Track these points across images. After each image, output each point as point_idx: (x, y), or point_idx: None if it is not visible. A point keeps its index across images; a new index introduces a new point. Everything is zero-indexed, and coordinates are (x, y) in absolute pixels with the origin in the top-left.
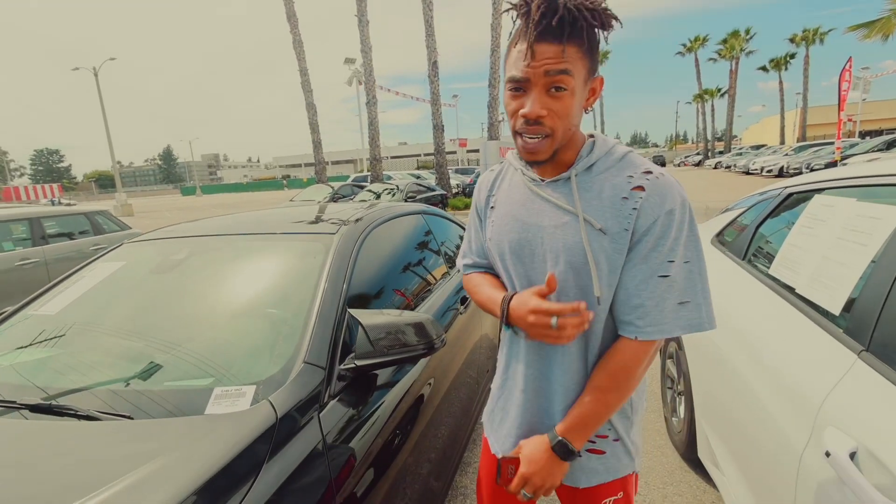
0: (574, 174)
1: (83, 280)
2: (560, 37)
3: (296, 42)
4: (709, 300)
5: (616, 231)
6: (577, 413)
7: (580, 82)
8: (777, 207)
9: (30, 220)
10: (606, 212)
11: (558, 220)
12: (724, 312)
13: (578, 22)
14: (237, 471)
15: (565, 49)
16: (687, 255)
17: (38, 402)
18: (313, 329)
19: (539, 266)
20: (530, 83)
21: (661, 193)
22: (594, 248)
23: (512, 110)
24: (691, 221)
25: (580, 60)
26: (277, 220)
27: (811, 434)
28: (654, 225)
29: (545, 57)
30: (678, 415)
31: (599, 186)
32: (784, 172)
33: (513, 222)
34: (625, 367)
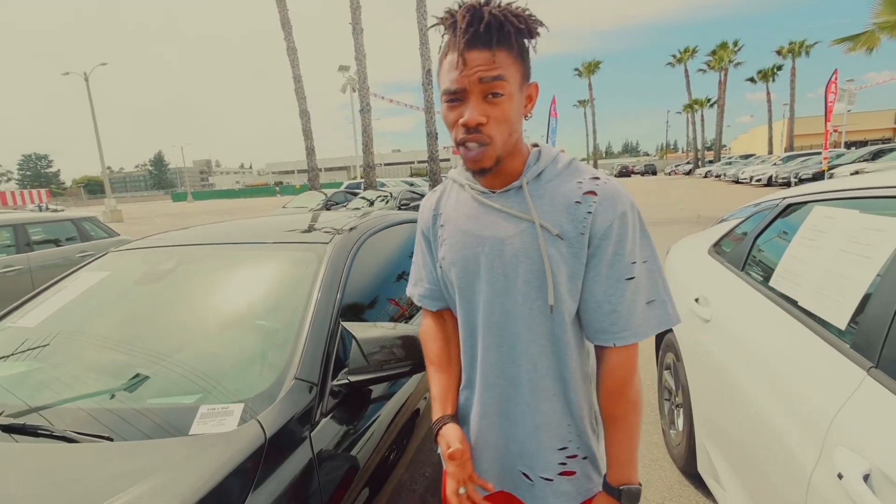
0: (525, 182)
1: (65, 291)
2: (489, 43)
3: (290, 49)
4: (671, 295)
5: (573, 236)
6: (615, 452)
7: (515, 87)
8: (776, 218)
9: (14, 227)
10: (561, 216)
11: (515, 230)
12: (722, 323)
13: (505, 27)
14: (223, 497)
15: (496, 54)
16: (644, 254)
17: (11, 423)
18: (305, 343)
19: (498, 280)
20: (466, 92)
21: (612, 197)
22: (551, 254)
23: (451, 121)
24: (642, 221)
25: (512, 65)
26: (269, 229)
27: (820, 454)
28: (610, 229)
29: (477, 64)
30: (676, 427)
31: (551, 193)
32: (773, 181)
33: (466, 237)
34: (621, 381)
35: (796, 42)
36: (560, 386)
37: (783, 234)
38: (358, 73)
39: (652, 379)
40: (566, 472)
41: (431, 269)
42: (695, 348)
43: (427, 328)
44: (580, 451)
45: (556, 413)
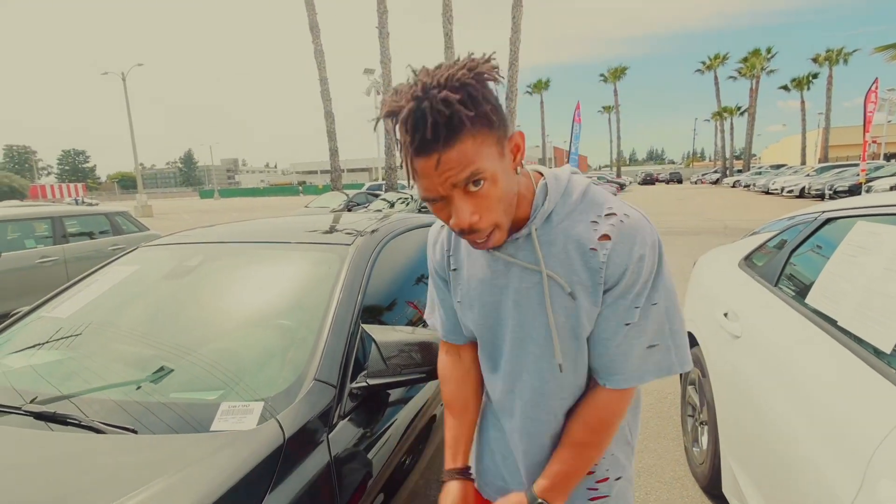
0: (534, 228)
1: (97, 283)
2: (448, 142)
3: (317, 52)
4: (681, 341)
5: (590, 286)
6: (556, 470)
7: (495, 162)
8: (813, 232)
9: (52, 219)
10: (577, 265)
11: (529, 282)
12: (754, 340)
13: (455, 116)
14: (242, 496)
15: (455, 150)
16: (655, 297)
17: (43, 410)
18: (325, 344)
19: (517, 331)
20: (444, 197)
21: (630, 239)
22: (566, 307)
23: (442, 219)
24: (660, 260)
25: (481, 144)
26: (293, 229)
27: (861, 485)
28: (624, 274)
29: (444, 169)
30: (700, 445)
31: (563, 240)
32: (805, 193)
33: (482, 286)
34: (602, 420)
35: (834, 49)
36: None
37: (821, 249)
38: (383, 76)
39: (675, 394)
40: (597, 497)
41: (450, 306)
42: (722, 364)
43: (443, 366)
44: (611, 472)
45: None
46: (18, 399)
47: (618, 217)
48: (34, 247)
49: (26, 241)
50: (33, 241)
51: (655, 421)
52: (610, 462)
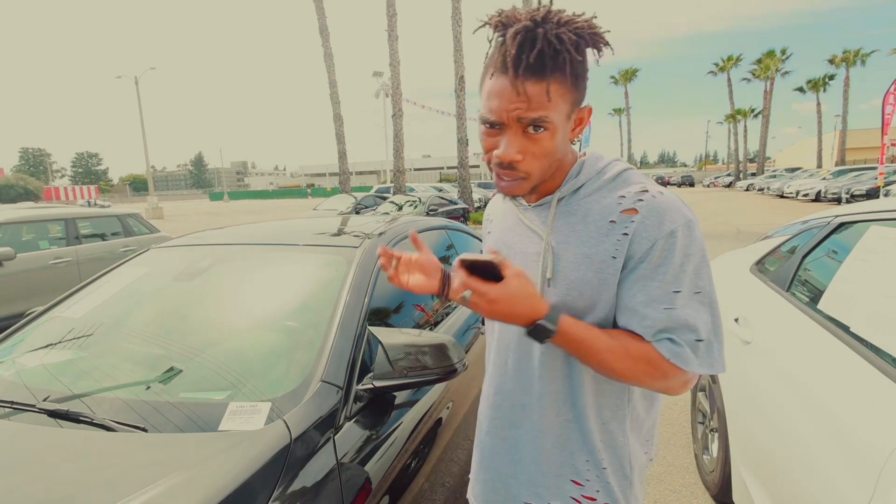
0: (557, 199)
1: (108, 284)
2: (540, 74)
3: (326, 55)
4: (721, 338)
5: (600, 259)
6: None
7: (562, 119)
8: (826, 237)
9: (65, 221)
10: (590, 236)
11: (538, 248)
12: (765, 346)
13: (561, 55)
14: (248, 495)
15: (543, 88)
16: (698, 284)
17: (56, 408)
18: (332, 346)
19: None
20: (505, 125)
21: (659, 213)
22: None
23: (486, 147)
24: (698, 244)
25: (562, 97)
26: (301, 231)
27: (873, 494)
28: (651, 250)
29: (522, 99)
30: (710, 453)
31: (585, 209)
32: (821, 197)
33: (503, 248)
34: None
35: (850, 50)
36: (571, 412)
37: (834, 254)
38: (391, 78)
39: (684, 400)
40: None
41: None
42: (734, 371)
43: None
44: (600, 495)
45: (567, 440)
46: (33, 397)
47: (650, 194)
48: (48, 248)
49: (40, 243)
50: (47, 242)
51: (665, 428)
52: (601, 485)
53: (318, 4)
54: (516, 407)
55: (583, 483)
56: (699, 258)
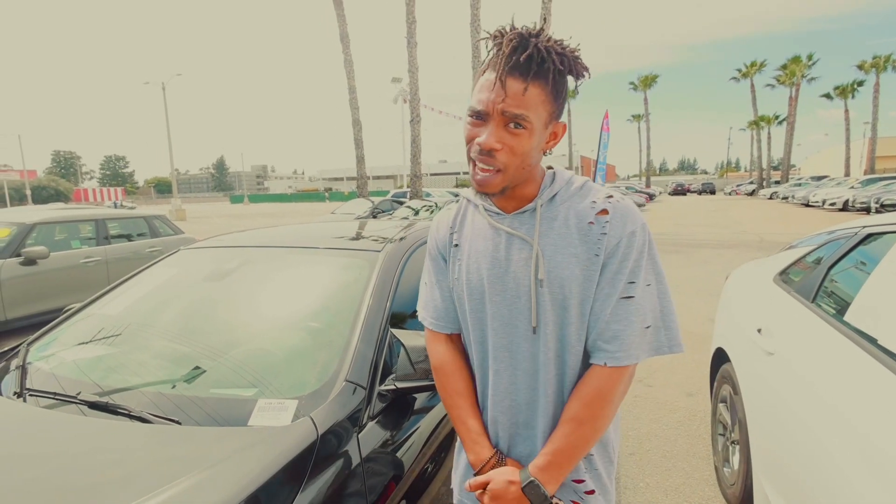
0: (539, 205)
1: (142, 283)
2: (525, 75)
3: (346, 61)
4: (672, 323)
5: (586, 258)
6: (551, 449)
7: (539, 124)
8: (853, 248)
9: (95, 221)
10: (574, 238)
11: (524, 253)
12: (789, 357)
13: (546, 63)
14: (279, 487)
15: (528, 88)
16: (648, 278)
17: (97, 400)
18: (356, 347)
19: (512, 301)
20: (489, 115)
21: (623, 215)
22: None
23: (468, 137)
24: (651, 244)
25: (542, 103)
26: (325, 235)
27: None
28: (617, 246)
29: (507, 94)
30: (731, 465)
31: (565, 215)
32: (849, 206)
33: (479, 257)
34: (600, 395)
35: (881, 56)
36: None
37: (861, 265)
38: (410, 84)
39: (705, 412)
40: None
41: (446, 289)
42: (756, 382)
43: (445, 358)
44: (597, 488)
45: None
46: (74, 388)
47: (614, 199)
48: (79, 247)
49: (72, 242)
50: (78, 241)
51: (684, 439)
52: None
53: (339, 12)
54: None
55: (584, 479)
56: (649, 256)
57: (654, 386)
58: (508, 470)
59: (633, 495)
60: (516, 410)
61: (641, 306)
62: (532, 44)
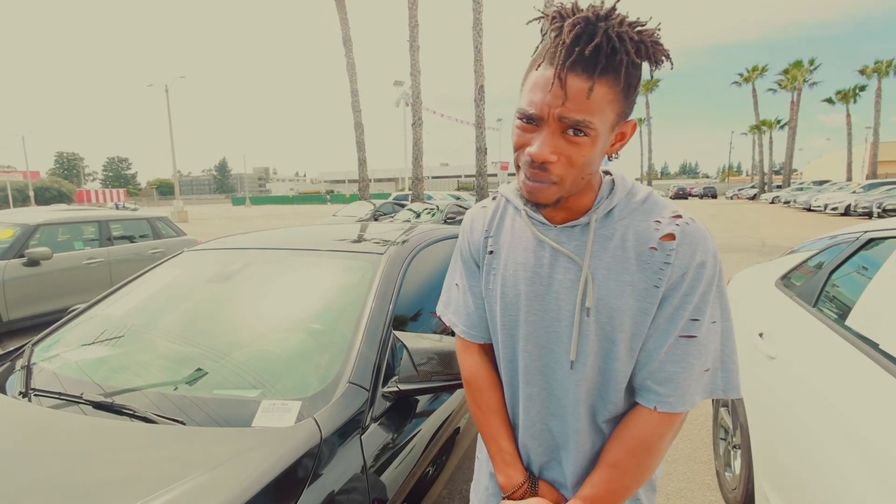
0: (594, 220)
1: (146, 284)
2: (591, 70)
3: (349, 64)
4: (732, 365)
5: (642, 288)
6: (589, 494)
7: (606, 128)
8: (855, 252)
9: (98, 223)
10: (631, 264)
11: (574, 275)
12: (790, 362)
13: (618, 55)
14: (283, 488)
15: (594, 87)
16: (714, 314)
17: (101, 400)
18: (359, 349)
19: (552, 325)
20: (544, 121)
21: (693, 242)
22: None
23: (517, 144)
24: (720, 277)
25: (609, 104)
26: (327, 238)
27: None
28: (682, 278)
29: (568, 96)
30: (732, 470)
31: (622, 234)
32: (851, 211)
33: (521, 271)
34: (646, 443)
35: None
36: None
37: (863, 270)
38: (412, 88)
39: (706, 416)
40: None
41: (479, 296)
42: (758, 387)
43: (478, 372)
44: None
45: None
46: (78, 389)
47: (684, 220)
48: (82, 248)
49: (75, 243)
50: (81, 243)
51: (685, 443)
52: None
53: (342, 16)
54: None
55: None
56: (717, 290)
57: None
58: (540, 502)
59: None
60: (548, 437)
61: (704, 347)
62: (601, 30)
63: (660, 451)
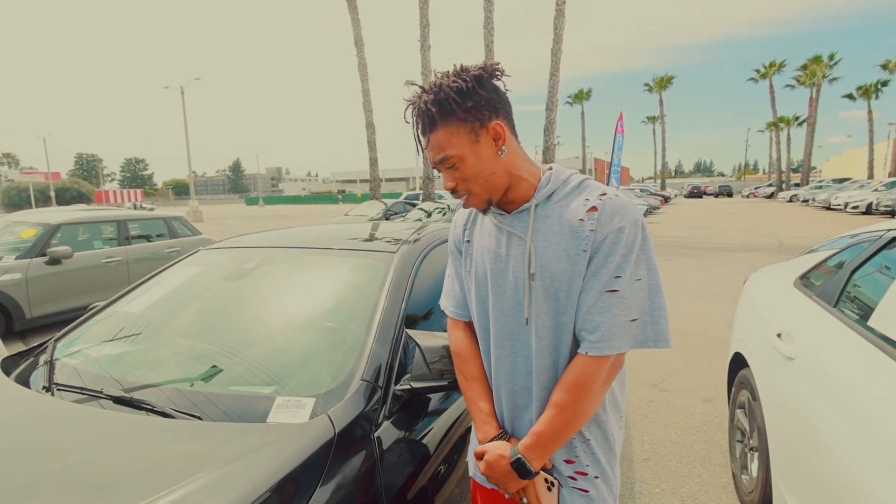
0: (534, 204)
1: (164, 282)
2: (431, 127)
3: (360, 64)
4: (660, 318)
5: (575, 253)
6: (536, 430)
7: (467, 150)
8: (878, 252)
9: (117, 222)
10: (565, 234)
11: (519, 249)
12: (810, 363)
13: (428, 112)
14: (297, 483)
15: (430, 138)
16: (638, 272)
17: (121, 395)
18: (372, 347)
19: (510, 293)
20: (438, 169)
21: (612, 212)
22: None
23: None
24: (644, 240)
25: (454, 135)
26: (341, 236)
27: None
28: (603, 242)
29: (428, 150)
30: (749, 473)
31: (559, 212)
32: (872, 210)
33: (486, 253)
34: (579, 383)
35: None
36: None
37: (886, 269)
38: None
39: (722, 417)
40: (579, 488)
41: (462, 279)
42: (776, 388)
43: (463, 343)
44: (591, 470)
45: None
46: (99, 384)
47: (607, 196)
48: (101, 247)
49: (95, 243)
50: (101, 242)
51: (701, 445)
52: (590, 458)
53: (353, 16)
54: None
55: (574, 459)
56: (640, 251)
57: (669, 391)
58: (502, 444)
59: (648, 500)
60: (516, 395)
61: (626, 300)
62: (421, 101)
63: (591, 391)
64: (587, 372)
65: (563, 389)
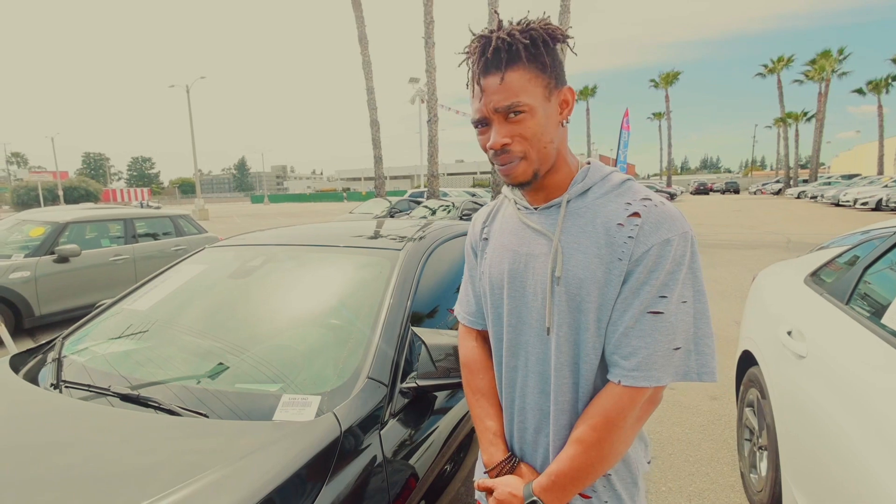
0: (567, 199)
1: (170, 280)
2: (499, 66)
3: (365, 62)
4: (705, 348)
5: (609, 260)
6: (554, 469)
7: (538, 101)
8: (891, 249)
9: (124, 221)
10: (599, 238)
11: (545, 249)
12: (822, 361)
13: (514, 46)
14: (304, 481)
15: (504, 77)
16: (684, 294)
17: (129, 392)
18: (377, 344)
19: (529, 298)
20: (489, 119)
21: (658, 221)
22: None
23: (482, 146)
24: (693, 257)
25: (530, 82)
26: (346, 234)
27: None
28: (646, 254)
29: (491, 92)
30: (758, 472)
31: (593, 212)
32: (882, 206)
33: (503, 252)
34: (608, 417)
35: None
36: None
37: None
38: (427, 84)
39: (730, 415)
40: None
41: (477, 283)
42: (786, 386)
43: (474, 354)
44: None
45: None
46: (106, 381)
47: (653, 202)
48: (108, 246)
49: (102, 241)
50: (108, 240)
51: (708, 443)
52: (609, 494)
53: (357, 14)
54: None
55: (590, 495)
56: (688, 270)
57: (676, 388)
58: (514, 481)
59: (655, 499)
60: (527, 414)
61: (671, 325)
62: (494, 38)
63: (622, 428)
64: (619, 404)
65: (588, 424)
